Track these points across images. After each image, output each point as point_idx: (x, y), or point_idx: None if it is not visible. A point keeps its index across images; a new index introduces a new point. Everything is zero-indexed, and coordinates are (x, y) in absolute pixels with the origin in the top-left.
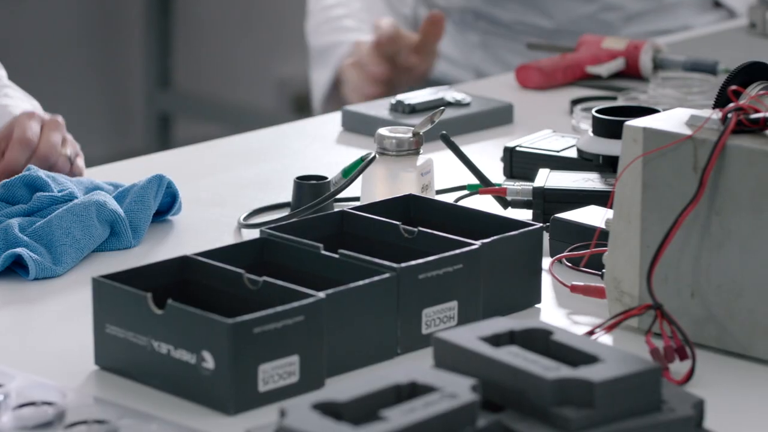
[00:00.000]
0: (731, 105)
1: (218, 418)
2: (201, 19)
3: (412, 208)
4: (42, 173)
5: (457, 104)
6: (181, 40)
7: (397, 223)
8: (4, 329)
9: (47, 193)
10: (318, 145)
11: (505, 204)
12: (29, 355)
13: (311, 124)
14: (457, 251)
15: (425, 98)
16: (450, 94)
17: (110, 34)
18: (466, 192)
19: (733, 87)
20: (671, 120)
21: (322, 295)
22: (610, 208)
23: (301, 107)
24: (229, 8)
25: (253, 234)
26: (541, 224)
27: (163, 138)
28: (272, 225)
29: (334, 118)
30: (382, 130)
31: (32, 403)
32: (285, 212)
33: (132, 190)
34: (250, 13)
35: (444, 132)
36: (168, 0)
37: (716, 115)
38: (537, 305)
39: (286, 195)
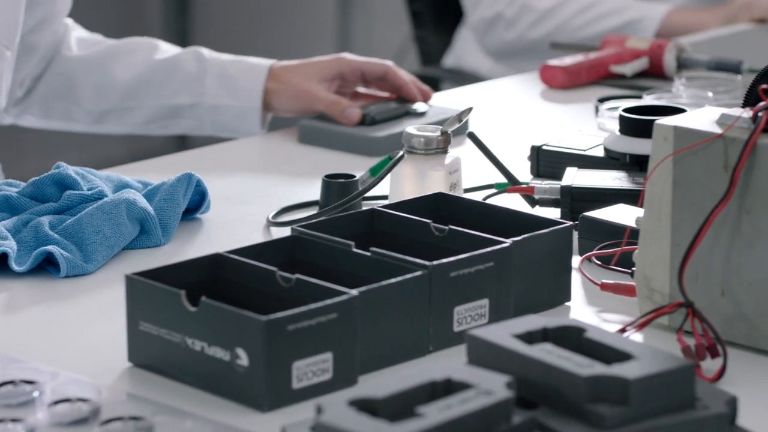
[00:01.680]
0: (762, 104)
1: (252, 414)
2: (218, 19)
3: (442, 207)
4: (71, 171)
5: (415, 114)
6: (198, 40)
7: (428, 221)
8: (37, 326)
9: (77, 191)
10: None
11: (533, 202)
12: (62, 353)
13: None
14: (489, 249)
15: (385, 109)
16: (406, 105)
17: (129, 33)
18: (494, 190)
19: (764, 86)
20: (701, 119)
21: (355, 292)
22: (641, 206)
23: None
24: (244, 9)
25: (283, 232)
26: (572, 222)
27: (182, 136)
28: (303, 223)
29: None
30: (410, 129)
31: (67, 400)
32: (313, 210)
33: (161, 188)
34: (265, 14)
35: (471, 131)
36: (186, 1)
37: (747, 113)
38: (567, 303)
39: (313, 193)
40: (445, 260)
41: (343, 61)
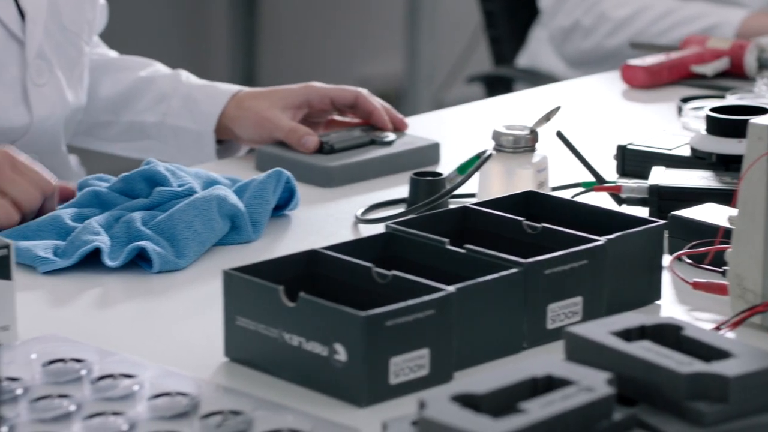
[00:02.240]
0: None
1: (349, 410)
2: (285, 18)
3: (532, 205)
4: (161, 167)
5: (381, 142)
6: (265, 40)
7: (521, 218)
8: (132, 321)
9: (167, 188)
10: None
11: (620, 201)
12: (157, 347)
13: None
14: (583, 247)
15: (347, 137)
16: (374, 133)
17: (196, 34)
18: (580, 189)
19: None
20: None
21: (452, 289)
22: (733, 206)
23: None
24: (312, 8)
25: (373, 229)
26: (663, 221)
27: None
28: (397, 220)
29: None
30: (499, 127)
31: (167, 394)
32: (400, 208)
33: (251, 185)
34: (333, 13)
35: (559, 130)
36: (252, 3)
37: None
38: (657, 302)
39: (398, 191)
40: (540, 258)
41: (311, 88)
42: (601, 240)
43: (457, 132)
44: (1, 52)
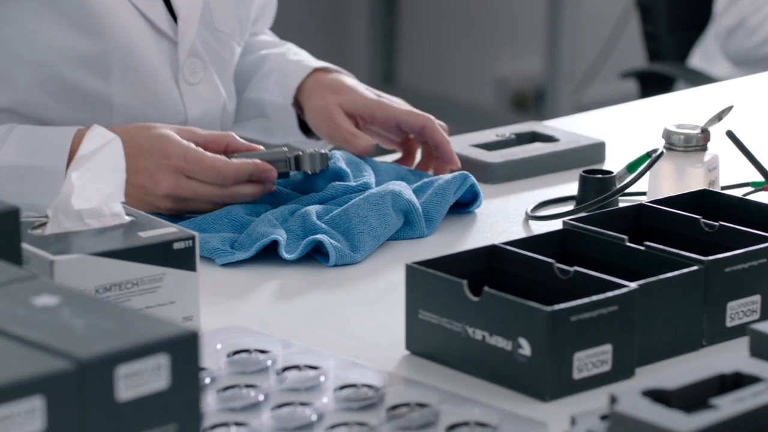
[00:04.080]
0: None
1: (532, 403)
2: (424, 17)
3: (706, 203)
4: (343, 163)
5: (547, 139)
6: (404, 38)
7: (698, 217)
8: (312, 313)
9: (342, 183)
10: None
11: None
12: (337, 340)
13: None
14: (763, 245)
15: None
16: (538, 127)
17: (336, 31)
18: (750, 189)
19: None
20: None
21: (634, 285)
22: None
23: (520, 105)
24: (451, 7)
25: (544, 225)
26: None
27: None
28: (573, 217)
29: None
30: (670, 126)
31: (352, 385)
32: (568, 206)
33: (435, 183)
34: (471, 12)
35: (730, 129)
36: (393, 0)
37: None
38: None
39: (559, 189)
40: (720, 255)
41: (380, 106)
42: None
43: (619, 130)
44: (151, 50)
